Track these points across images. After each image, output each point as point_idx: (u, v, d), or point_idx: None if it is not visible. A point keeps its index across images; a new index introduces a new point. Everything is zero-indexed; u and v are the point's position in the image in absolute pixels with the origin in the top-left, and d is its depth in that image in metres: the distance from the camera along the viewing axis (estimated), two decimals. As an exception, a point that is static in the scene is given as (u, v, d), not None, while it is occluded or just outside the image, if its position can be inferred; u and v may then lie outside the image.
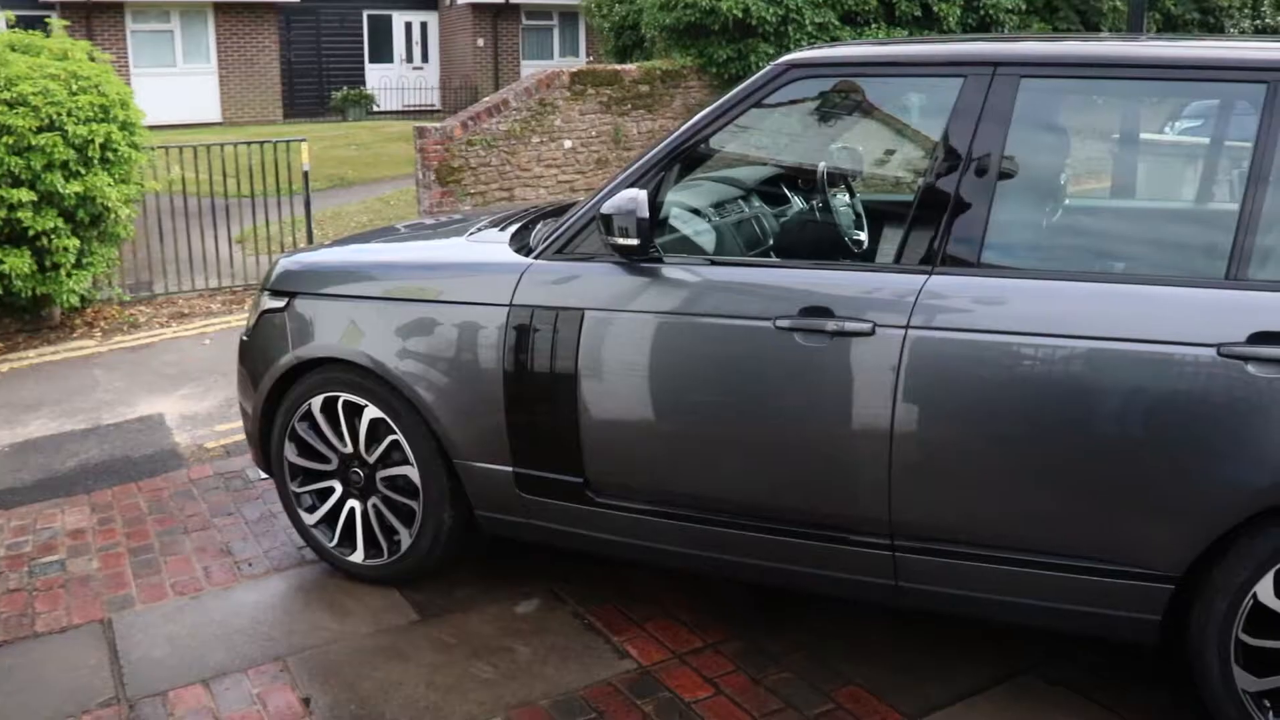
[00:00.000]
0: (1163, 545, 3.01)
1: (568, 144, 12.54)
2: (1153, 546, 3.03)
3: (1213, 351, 2.90)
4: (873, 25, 13.91)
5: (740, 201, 4.36)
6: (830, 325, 3.23)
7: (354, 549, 4.14)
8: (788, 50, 3.62)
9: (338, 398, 4.02)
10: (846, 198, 4.75)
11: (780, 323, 3.30)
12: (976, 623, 3.64)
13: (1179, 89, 3.73)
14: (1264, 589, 2.93)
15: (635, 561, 3.90)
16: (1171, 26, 16.45)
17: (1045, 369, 3.06)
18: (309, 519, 4.22)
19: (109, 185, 8.36)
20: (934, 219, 3.25)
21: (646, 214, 3.37)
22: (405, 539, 4.02)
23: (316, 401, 4.06)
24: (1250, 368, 2.87)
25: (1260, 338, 2.87)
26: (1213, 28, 16.67)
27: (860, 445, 3.24)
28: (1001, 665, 3.58)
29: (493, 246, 4.03)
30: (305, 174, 10.53)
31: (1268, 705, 3.00)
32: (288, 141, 10.73)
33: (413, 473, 3.93)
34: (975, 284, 3.19)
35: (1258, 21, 16.83)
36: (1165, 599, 3.05)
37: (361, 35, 29.47)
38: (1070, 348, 3.03)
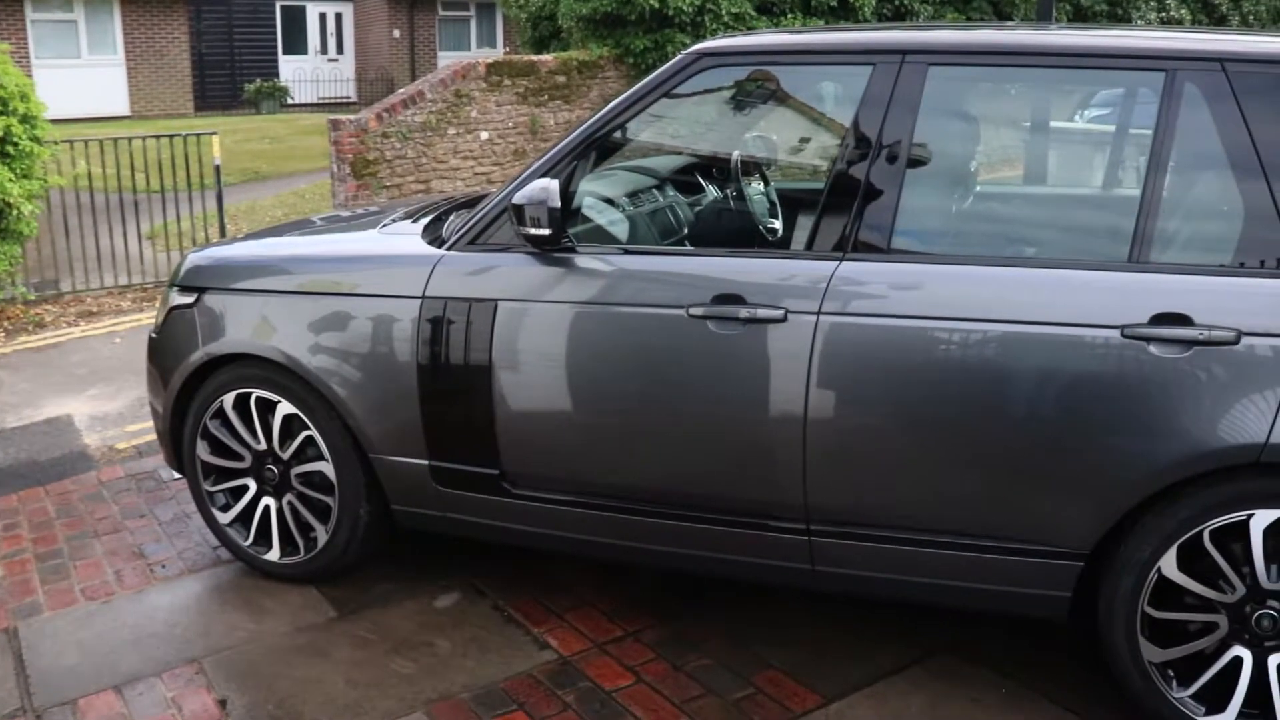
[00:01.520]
0: (1072, 524, 3.08)
1: (484, 135, 12.46)
2: (1062, 525, 3.09)
3: (1117, 333, 2.97)
4: (789, 15, 14.00)
5: (655, 191, 4.37)
6: (743, 312, 3.25)
7: (270, 547, 4.09)
8: (704, 40, 3.62)
9: (250, 394, 3.96)
10: (761, 186, 4.78)
11: (693, 311, 3.31)
12: (894, 604, 3.69)
13: (1083, 77, 3.79)
14: (1168, 563, 3.01)
15: (554, 552, 3.90)
16: (1081, 17, 16.78)
17: (954, 353, 3.11)
18: (223, 518, 4.16)
19: (10, 180, 8.14)
20: (845, 206, 3.28)
21: (558, 204, 3.37)
22: (322, 536, 3.98)
23: (228, 398, 4.00)
24: (1152, 348, 2.94)
25: (1161, 319, 2.94)
26: (1120, 19, 17.03)
27: (775, 431, 3.26)
28: (919, 645, 3.64)
29: (405, 239, 3.99)
30: (217, 168, 10.35)
31: (1171, 674, 3.09)
32: (198, 135, 10.53)
33: (328, 468, 3.89)
34: (885, 270, 3.22)
35: (1163, 14, 17.21)
36: (1075, 576, 3.13)
37: (275, 26, 28.98)
38: (979, 331, 3.09)
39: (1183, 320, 2.92)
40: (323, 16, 29.92)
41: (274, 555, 4.09)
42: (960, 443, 3.14)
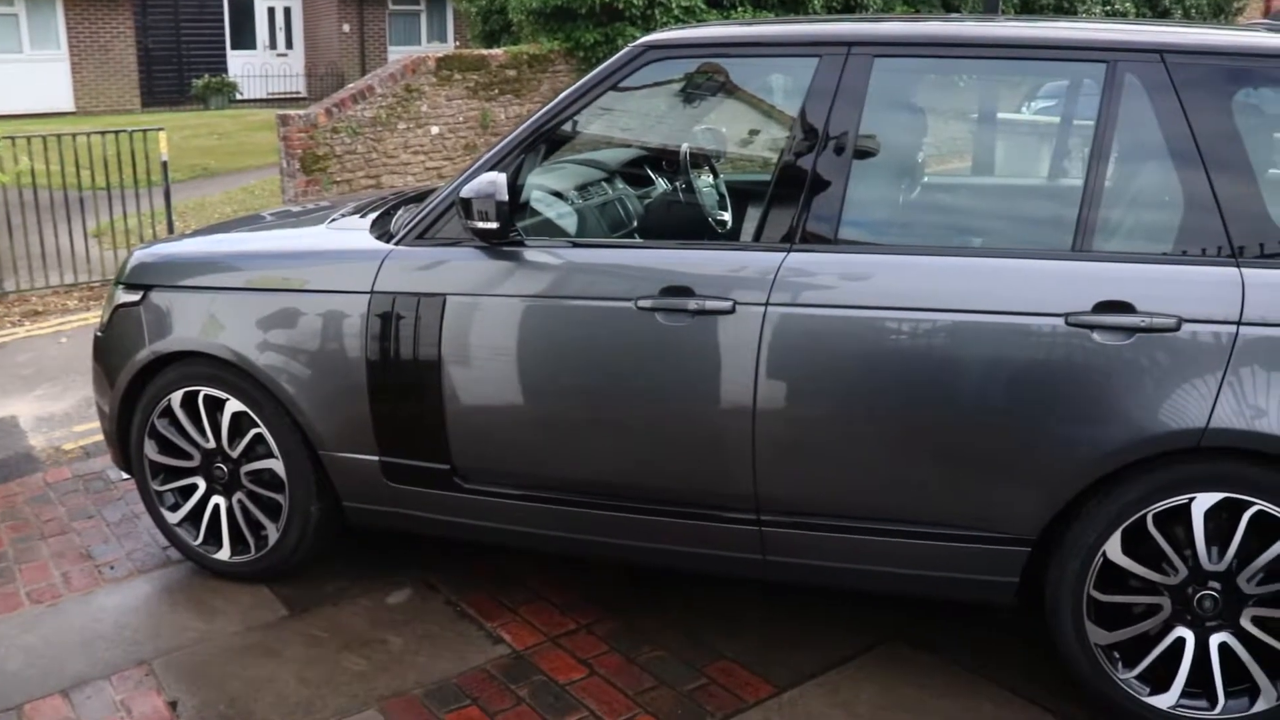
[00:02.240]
0: (1019, 510, 3.12)
1: (435, 130, 12.40)
2: (1010, 512, 3.13)
3: (1061, 321, 3.01)
4: (739, 8, 14.02)
5: (604, 184, 4.37)
6: (691, 304, 3.26)
7: (220, 546, 4.05)
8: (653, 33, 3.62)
9: (198, 392, 3.92)
10: (710, 178, 4.80)
11: (642, 303, 3.31)
12: (845, 592, 3.72)
13: (1027, 69, 3.84)
14: (1113, 547, 3.06)
15: (506, 547, 3.89)
16: (1028, 11, 16.91)
17: (901, 343, 3.14)
18: (172, 518, 4.12)
19: (-49, 178, 8.01)
20: (792, 197, 3.30)
21: (506, 197, 3.36)
22: (272, 534, 3.95)
23: (176, 397, 3.96)
24: (1096, 336, 2.98)
25: (1104, 307, 2.98)
26: (1066, 12, 17.18)
27: (724, 422, 3.28)
28: (869, 633, 3.67)
29: (353, 234, 3.97)
30: (164, 164, 10.22)
31: (1117, 656, 3.15)
32: (145, 131, 10.39)
33: (278, 466, 3.86)
34: (833, 260, 3.24)
35: (1108, 7, 17.39)
36: (1022, 561, 3.17)
37: (222, 21, 28.65)
38: (926, 321, 3.11)
39: (1125, 308, 2.97)
40: (271, 11, 29.61)
41: (224, 554, 4.05)
42: (908, 431, 3.17)
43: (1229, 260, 2.97)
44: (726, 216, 4.66)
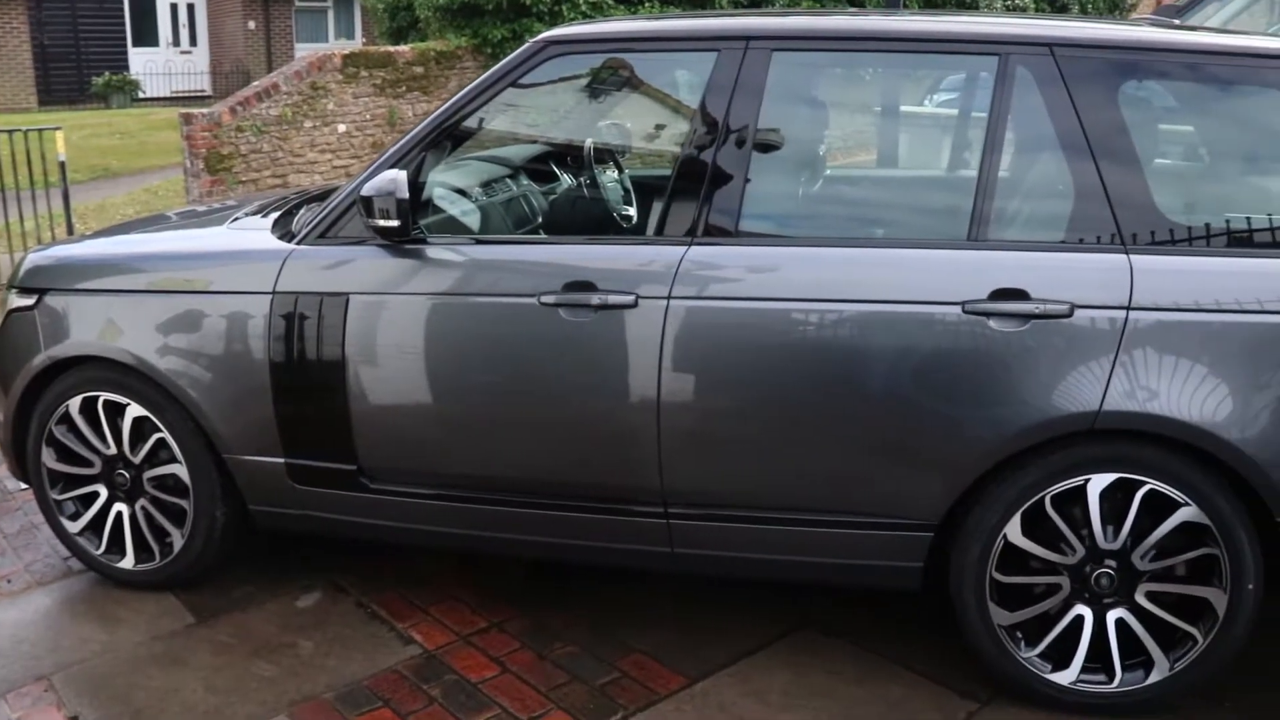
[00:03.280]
0: (921, 496, 3.18)
1: (342, 128, 12.25)
2: (912, 498, 3.19)
3: (958, 309, 3.06)
4: (646, 4, 14.04)
5: (508, 180, 4.36)
6: (594, 299, 3.27)
7: (123, 555, 3.97)
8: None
9: (97, 397, 3.84)
10: (615, 173, 4.80)
11: (544, 299, 3.31)
12: (754, 583, 3.76)
13: (922, 62, 3.89)
14: (1013, 530, 3.14)
15: (416, 546, 3.87)
16: (931, 5, 17.15)
17: (802, 333, 3.17)
18: (73, 527, 4.02)
19: None
20: (693, 191, 3.32)
21: (406, 195, 3.34)
22: (178, 540, 3.88)
23: (74, 403, 3.88)
24: (992, 323, 3.04)
25: (999, 294, 3.05)
26: (968, 7, 17.45)
27: (629, 417, 3.29)
28: (781, 621, 3.71)
29: (254, 234, 3.91)
30: (62, 164, 9.95)
31: (1019, 636, 3.23)
32: (40, 130, 10.11)
33: (181, 471, 3.80)
34: (734, 253, 3.27)
35: (1009, 2, 17.70)
36: (926, 546, 3.23)
37: (123, 17, 27.98)
38: (828, 311, 3.15)
39: (1020, 295, 3.03)
40: (174, 7, 29.01)
41: (128, 563, 3.97)
42: (811, 421, 3.21)
43: (1118, 247, 3.05)
44: (632, 211, 4.67)
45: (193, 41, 29.34)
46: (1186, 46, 3.20)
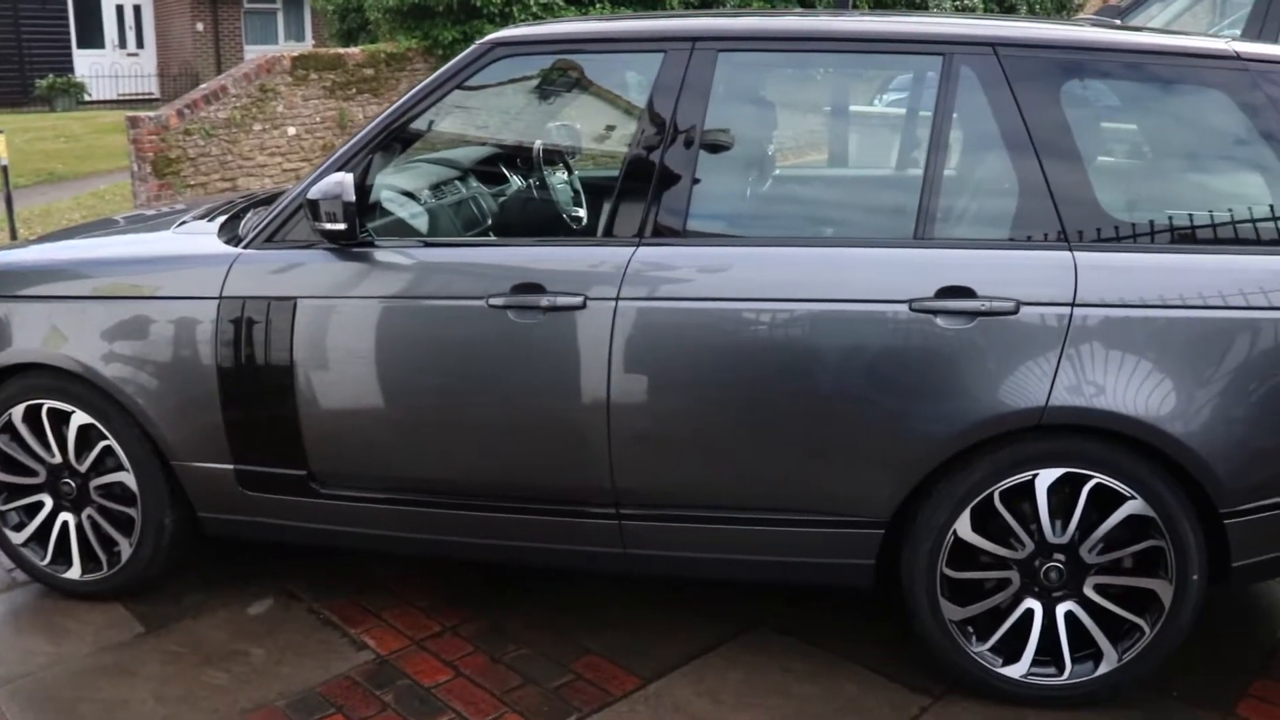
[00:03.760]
0: (872, 494, 3.20)
1: (291, 131, 12.15)
2: (863, 495, 3.21)
3: (905, 307, 3.09)
4: (597, 5, 14.04)
5: (457, 182, 4.34)
6: (543, 301, 3.26)
7: (70, 565, 3.91)
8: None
9: (41, 405, 3.79)
10: (565, 175, 4.80)
11: (493, 301, 3.30)
12: (707, 582, 3.77)
13: (868, 62, 3.92)
14: (963, 526, 3.17)
15: (368, 551, 3.85)
16: (880, 6, 17.26)
17: (750, 333, 3.18)
18: (17, 538, 3.96)
19: None
20: (641, 192, 3.32)
21: (353, 198, 3.31)
22: (125, 549, 3.83)
23: (17, 411, 3.82)
24: (939, 320, 3.07)
25: (946, 292, 3.07)
26: (917, 7, 17.58)
27: (580, 418, 3.28)
28: (734, 620, 3.72)
29: (200, 238, 3.87)
30: (4, 168, 9.81)
31: (970, 630, 3.26)
32: (-19, 135, 9.96)
33: (129, 479, 3.75)
34: (681, 253, 3.27)
35: (957, 2, 17.84)
36: (877, 543, 3.25)
37: (67, 18, 27.56)
38: (775, 311, 3.16)
39: (966, 293, 3.06)
40: (120, 9, 28.64)
41: (75, 573, 3.91)
42: (759, 420, 3.21)
43: (1062, 245, 3.08)
44: (581, 213, 4.67)
45: (139, 43, 28.99)
46: (1128, 46, 3.24)
